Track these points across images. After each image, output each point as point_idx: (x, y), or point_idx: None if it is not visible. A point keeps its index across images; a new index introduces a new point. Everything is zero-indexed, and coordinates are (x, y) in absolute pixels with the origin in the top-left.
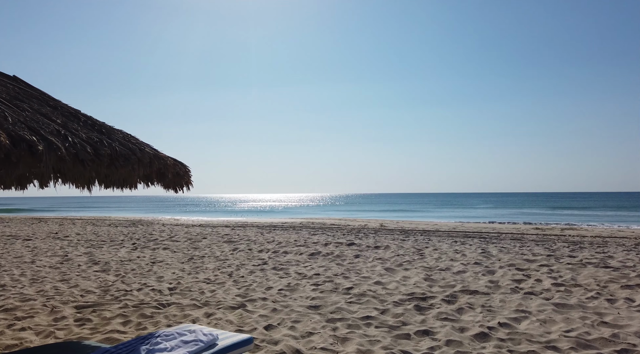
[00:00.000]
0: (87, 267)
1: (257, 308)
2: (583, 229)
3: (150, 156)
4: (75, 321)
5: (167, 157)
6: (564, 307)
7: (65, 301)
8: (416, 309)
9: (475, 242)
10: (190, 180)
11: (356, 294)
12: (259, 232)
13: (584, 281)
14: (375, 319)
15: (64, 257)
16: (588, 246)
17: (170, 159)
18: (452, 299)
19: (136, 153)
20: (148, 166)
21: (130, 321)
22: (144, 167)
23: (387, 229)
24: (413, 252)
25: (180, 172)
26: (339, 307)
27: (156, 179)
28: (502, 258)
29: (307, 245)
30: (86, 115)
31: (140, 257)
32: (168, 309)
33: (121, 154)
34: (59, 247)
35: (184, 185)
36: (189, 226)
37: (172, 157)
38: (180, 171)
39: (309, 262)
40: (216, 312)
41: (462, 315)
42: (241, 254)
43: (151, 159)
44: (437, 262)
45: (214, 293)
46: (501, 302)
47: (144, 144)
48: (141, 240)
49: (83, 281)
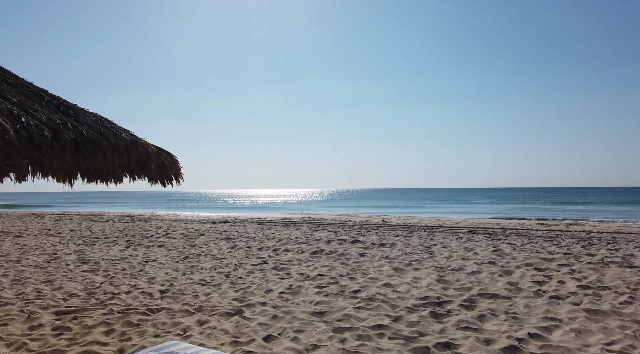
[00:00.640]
0: (75, 266)
1: (256, 315)
2: (588, 224)
3: (127, 143)
4: (52, 329)
5: (149, 144)
6: (597, 314)
7: (46, 306)
8: (432, 316)
9: (481, 238)
10: (180, 172)
11: (364, 299)
12: (259, 229)
13: (612, 283)
14: (388, 328)
15: (52, 256)
16: (597, 243)
17: (152, 147)
18: (471, 304)
19: (109, 138)
20: (124, 154)
21: (113, 330)
22: (119, 155)
23: (389, 224)
24: (421, 251)
25: (166, 163)
26: (346, 314)
27: (136, 170)
28: (516, 257)
29: (309, 242)
30: (54, 96)
31: (133, 256)
32: (157, 316)
33: (89, 140)
34: (50, 244)
35: (172, 178)
36: (188, 222)
37: (155, 145)
38: (166, 162)
39: (312, 261)
40: (210, 319)
41: (485, 323)
42: (239, 253)
43: (128, 146)
44: (448, 261)
45: (208, 296)
46: (526, 307)
47: (121, 129)
48: (136, 237)
49: (68, 283)
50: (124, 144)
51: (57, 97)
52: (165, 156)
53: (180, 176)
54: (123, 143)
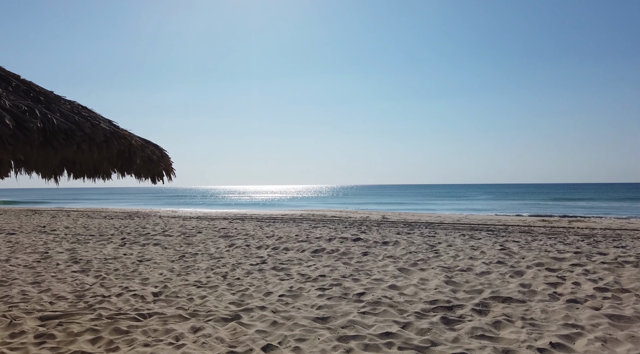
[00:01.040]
0: (66, 266)
1: (254, 320)
2: (591, 221)
3: (107, 134)
4: (35, 337)
5: (133, 136)
6: (621, 320)
7: (30, 310)
8: (444, 323)
9: (484, 235)
10: (172, 168)
11: (370, 302)
12: (258, 226)
13: (630, 284)
14: (397, 336)
15: (44, 255)
16: (603, 240)
17: (137, 139)
18: (484, 308)
19: (84, 128)
20: (104, 146)
21: (100, 338)
22: (97, 147)
23: (390, 221)
24: (426, 249)
25: (154, 157)
26: (351, 320)
27: (120, 165)
28: (526, 256)
29: (310, 240)
30: (25, 81)
31: (127, 255)
32: (148, 322)
33: (61, 130)
34: (42, 242)
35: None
36: (186, 219)
37: (141, 138)
38: (154, 156)
39: (313, 260)
40: (205, 326)
41: (501, 331)
42: (238, 251)
43: (107, 137)
44: (455, 261)
45: (204, 299)
46: (543, 313)
47: (100, 119)
48: (132, 234)
49: (57, 284)
50: (103, 135)
51: (28, 82)
52: (152, 149)
53: (172, 172)
54: (101, 134)
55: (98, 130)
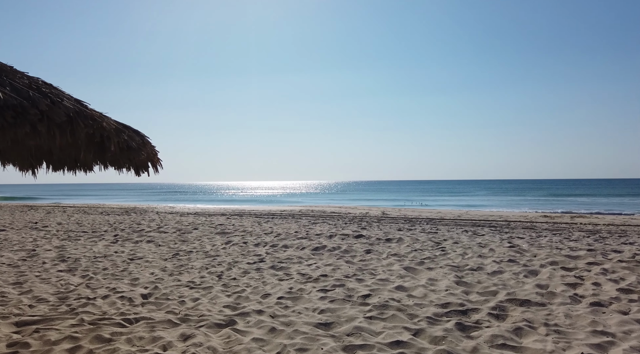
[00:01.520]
0: (52, 265)
1: (250, 326)
2: (593, 216)
3: (70, 113)
4: (8, 346)
5: (105, 117)
6: None
7: (7, 315)
8: (459, 329)
9: (487, 231)
10: (157, 158)
11: (376, 306)
12: (256, 222)
13: None
14: (409, 345)
15: (31, 253)
16: (608, 236)
17: (111, 122)
18: (501, 312)
19: (39, 105)
20: (67, 128)
21: (79, 347)
22: (58, 129)
23: (390, 217)
24: (432, 247)
25: (132, 144)
26: (357, 326)
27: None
28: (537, 254)
29: (310, 237)
30: None
31: (118, 253)
32: (134, 328)
33: (8, 105)
34: (32, 239)
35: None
36: (183, 215)
37: (116, 121)
38: (132, 143)
39: (313, 259)
40: (196, 333)
41: (524, 339)
42: (235, 249)
43: (71, 117)
44: (464, 259)
45: (196, 302)
46: (567, 318)
47: (65, 96)
48: (125, 231)
49: (40, 285)
50: (65, 115)
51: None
52: (131, 135)
53: (158, 162)
54: (63, 113)
55: (59, 109)
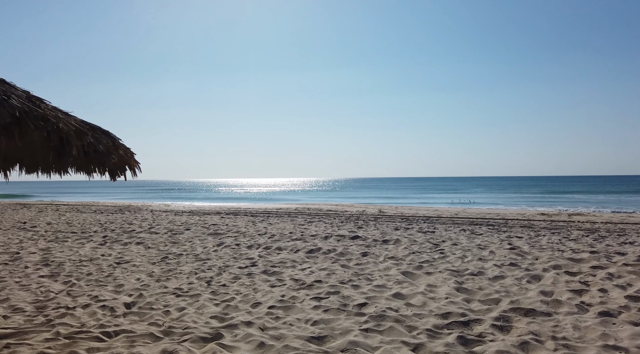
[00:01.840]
0: (34, 270)
1: (238, 341)
2: (591, 214)
3: (16, 113)
4: None
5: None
6: None
7: None
8: (462, 343)
9: (485, 230)
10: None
11: (373, 316)
12: (251, 222)
13: None
14: None
15: (14, 256)
16: (607, 235)
17: (72, 123)
18: (505, 323)
19: None
20: (14, 130)
21: None
22: (5, 132)
23: (387, 215)
24: (430, 249)
25: (100, 148)
26: (352, 341)
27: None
28: (539, 257)
29: (305, 239)
30: None
31: (105, 256)
32: (112, 343)
33: None
34: (18, 240)
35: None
36: (177, 214)
37: (83, 122)
38: (99, 146)
39: (307, 262)
40: (179, 349)
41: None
42: (226, 252)
43: (18, 118)
44: (463, 262)
45: (182, 312)
46: (575, 330)
47: (13, 92)
48: (115, 231)
49: (18, 292)
50: (8, 115)
51: None
52: (98, 137)
53: (136, 165)
54: (7, 113)
55: (2, 108)
